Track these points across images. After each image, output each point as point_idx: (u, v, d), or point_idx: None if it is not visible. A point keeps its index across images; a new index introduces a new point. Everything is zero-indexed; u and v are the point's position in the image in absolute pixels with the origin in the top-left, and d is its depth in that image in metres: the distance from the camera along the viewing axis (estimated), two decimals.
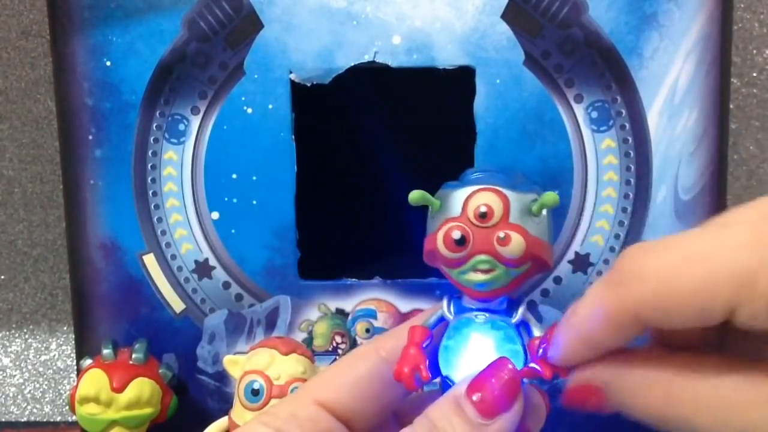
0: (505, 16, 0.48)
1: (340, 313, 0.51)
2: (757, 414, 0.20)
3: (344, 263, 0.54)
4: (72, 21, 0.49)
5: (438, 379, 0.26)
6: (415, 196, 0.26)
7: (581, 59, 0.48)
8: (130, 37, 0.49)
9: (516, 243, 0.25)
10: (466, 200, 0.25)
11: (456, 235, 0.25)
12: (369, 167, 0.63)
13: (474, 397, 0.24)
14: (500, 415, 0.24)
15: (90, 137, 0.50)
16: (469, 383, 0.24)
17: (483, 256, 0.25)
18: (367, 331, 0.51)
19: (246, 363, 0.45)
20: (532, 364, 0.25)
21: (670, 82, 0.48)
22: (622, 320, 0.22)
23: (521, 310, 0.27)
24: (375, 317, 0.51)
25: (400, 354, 0.26)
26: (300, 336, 0.51)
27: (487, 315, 0.26)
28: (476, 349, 0.26)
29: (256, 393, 0.44)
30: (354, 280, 0.51)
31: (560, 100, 0.48)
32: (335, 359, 0.51)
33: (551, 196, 0.25)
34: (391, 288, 0.50)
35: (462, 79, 0.48)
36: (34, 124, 0.67)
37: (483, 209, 0.25)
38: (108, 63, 0.49)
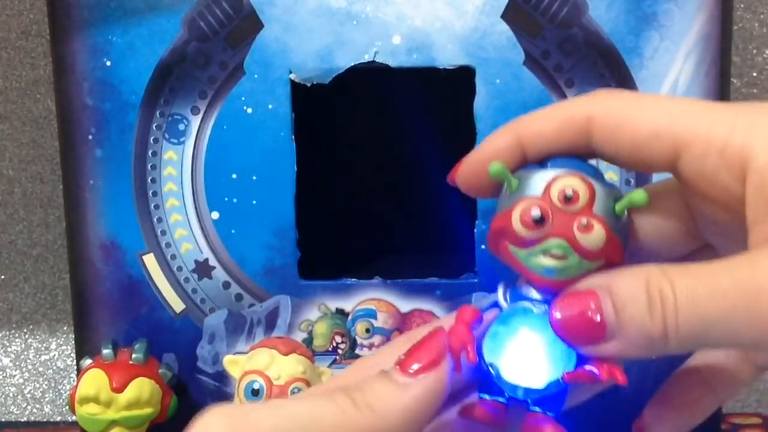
0: (505, 16, 0.48)
1: (340, 313, 0.51)
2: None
3: (344, 263, 0.54)
4: (72, 21, 0.49)
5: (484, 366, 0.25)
6: (495, 169, 0.24)
7: (581, 59, 0.48)
8: (130, 37, 0.49)
9: (598, 233, 0.23)
10: (550, 182, 0.24)
11: (535, 212, 0.23)
12: (369, 167, 0.64)
13: (399, 358, 0.23)
14: (423, 374, 0.23)
15: (90, 137, 0.50)
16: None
17: (559, 240, 0.23)
18: (367, 331, 0.51)
19: (246, 363, 0.45)
20: (588, 366, 0.24)
21: (670, 82, 0.48)
22: (581, 122, 0.25)
23: None
24: (375, 317, 0.51)
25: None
26: (300, 336, 0.51)
27: (545, 308, 0.24)
28: (526, 341, 0.24)
29: (256, 393, 0.44)
30: (354, 280, 0.51)
31: (560, 100, 0.48)
32: (335, 359, 0.51)
33: (641, 195, 0.24)
34: (391, 288, 0.51)
35: (462, 79, 0.48)
36: (34, 124, 0.67)
37: (569, 192, 0.24)
38: (108, 63, 0.49)
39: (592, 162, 0.26)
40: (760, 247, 0.22)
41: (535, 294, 0.25)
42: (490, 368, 0.24)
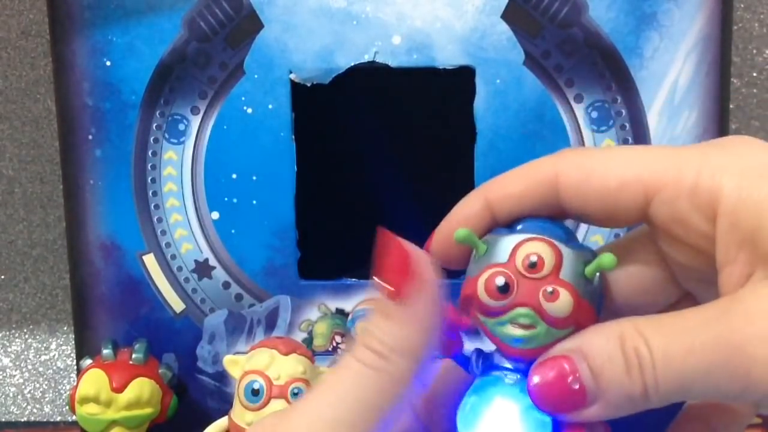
0: (505, 16, 0.48)
1: (340, 313, 0.51)
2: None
3: (344, 263, 0.54)
4: (72, 21, 0.49)
5: None
6: (461, 234, 0.24)
7: (581, 59, 0.48)
8: (130, 37, 0.49)
9: (564, 300, 0.23)
10: (515, 247, 0.24)
11: (500, 281, 0.23)
12: (369, 167, 0.64)
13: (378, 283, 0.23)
14: (409, 295, 0.22)
15: (90, 137, 0.50)
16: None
17: (525, 309, 0.23)
18: None
19: (246, 363, 0.45)
20: None
21: (670, 82, 0.48)
22: (549, 187, 0.25)
23: None
24: None
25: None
26: (300, 336, 0.51)
27: (518, 377, 0.24)
28: (500, 413, 0.24)
29: (256, 393, 0.44)
30: (354, 280, 0.51)
31: (560, 100, 0.48)
32: (335, 359, 0.51)
33: (609, 259, 0.23)
34: None
35: (462, 79, 0.48)
36: (34, 124, 0.67)
37: (533, 258, 0.23)
38: (108, 63, 0.49)
39: (567, 223, 0.26)
40: (732, 293, 0.22)
41: (506, 363, 0.25)
42: None
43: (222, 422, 0.47)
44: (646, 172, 0.23)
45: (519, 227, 0.25)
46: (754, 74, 0.64)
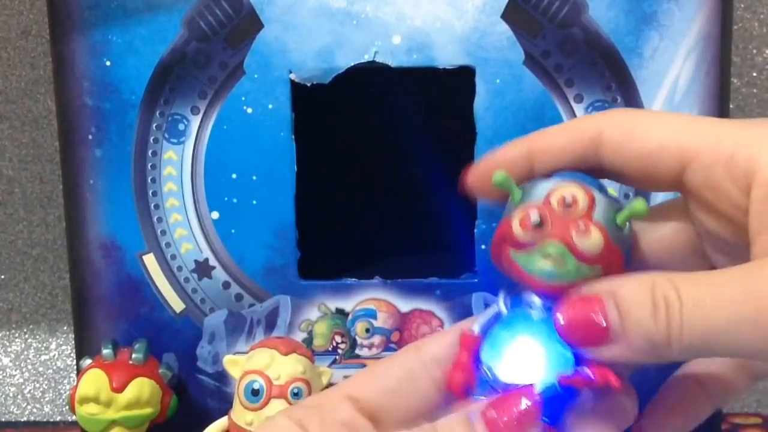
0: (505, 16, 0.48)
1: (340, 313, 0.51)
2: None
3: (344, 263, 0.54)
4: (72, 21, 0.49)
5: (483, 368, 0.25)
6: (499, 177, 0.25)
7: (581, 59, 0.48)
8: (130, 37, 0.49)
9: (595, 237, 0.23)
10: (551, 190, 0.24)
11: (534, 215, 0.24)
12: (369, 167, 0.63)
13: (488, 415, 0.23)
14: None
15: (90, 137, 0.50)
16: (489, 402, 0.24)
17: (557, 243, 0.24)
18: (367, 330, 0.51)
19: (246, 363, 0.45)
20: (583, 369, 0.24)
21: (670, 82, 0.48)
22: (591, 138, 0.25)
23: None
24: (375, 317, 0.51)
25: (447, 359, 0.25)
26: (300, 336, 0.51)
27: (545, 313, 0.25)
28: (525, 345, 0.25)
29: (256, 393, 0.44)
30: (354, 280, 0.51)
31: (560, 100, 0.48)
32: (335, 359, 0.51)
33: (641, 205, 0.24)
34: (391, 288, 0.51)
35: (462, 79, 0.48)
36: (34, 124, 0.67)
37: (568, 198, 0.24)
38: (108, 63, 0.49)
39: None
40: (766, 257, 0.23)
41: (535, 300, 0.25)
42: (487, 371, 0.25)
43: (222, 422, 0.47)
44: (686, 138, 0.24)
45: (553, 176, 0.25)
46: (754, 74, 0.64)
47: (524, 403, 0.23)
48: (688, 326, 0.22)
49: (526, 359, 0.24)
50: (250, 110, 0.49)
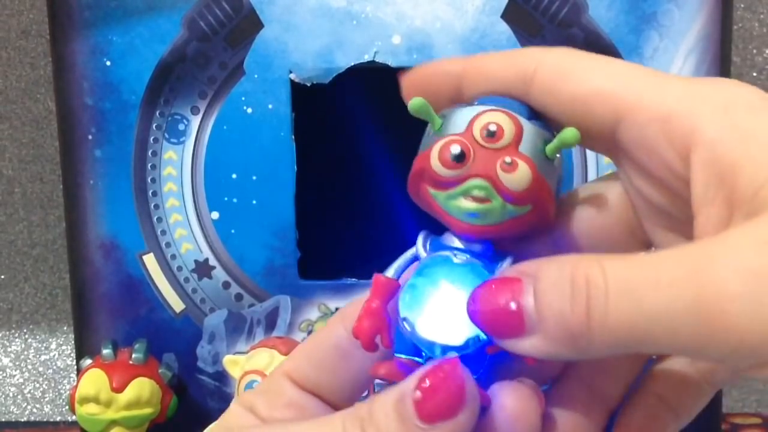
0: (505, 16, 0.48)
1: None
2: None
3: (344, 263, 0.54)
4: (72, 21, 0.49)
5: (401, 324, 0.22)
6: (416, 104, 0.22)
7: None
8: (130, 37, 0.49)
9: (522, 172, 0.21)
10: (473, 118, 0.22)
11: (455, 149, 0.21)
12: (369, 167, 0.63)
13: (415, 396, 0.20)
14: (441, 422, 0.20)
15: (90, 137, 0.50)
16: (416, 378, 0.20)
17: (480, 181, 0.21)
18: None
19: (246, 363, 0.45)
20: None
21: None
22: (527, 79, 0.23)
23: (507, 263, 0.22)
24: None
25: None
26: (300, 336, 0.51)
27: (468, 257, 0.22)
28: (445, 294, 0.22)
29: None
30: (354, 280, 0.51)
31: None
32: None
33: (572, 133, 0.21)
34: None
35: None
36: (34, 124, 0.67)
37: (492, 128, 0.21)
38: (108, 63, 0.49)
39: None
40: (711, 234, 0.20)
41: (457, 242, 0.23)
42: (405, 324, 0.22)
43: None
44: (622, 88, 0.22)
45: (477, 102, 0.23)
46: (754, 74, 0.64)
47: (453, 383, 0.20)
48: (614, 314, 0.18)
49: (448, 311, 0.21)
50: (250, 110, 0.49)
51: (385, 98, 0.56)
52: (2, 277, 0.69)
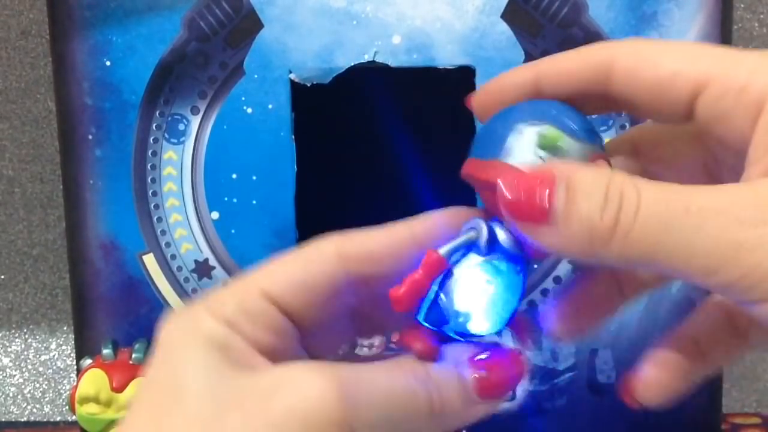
0: (505, 16, 0.48)
1: None
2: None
3: None
4: (72, 21, 0.49)
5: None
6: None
7: None
8: (130, 37, 0.49)
9: None
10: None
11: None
12: (369, 167, 0.63)
13: (478, 375, 0.23)
14: (495, 400, 0.23)
15: (90, 137, 0.50)
16: (479, 361, 0.23)
17: None
18: None
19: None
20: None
21: None
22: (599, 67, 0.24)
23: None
24: None
25: (401, 275, 0.23)
26: None
27: (509, 265, 0.24)
28: (502, 300, 0.23)
29: None
30: None
31: None
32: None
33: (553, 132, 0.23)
34: None
35: (462, 79, 0.48)
36: (34, 124, 0.67)
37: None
38: (108, 63, 0.49)
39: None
40: (749, 180, 0.22)
41: (510, 246, 0.24)
42: (453, 314, 0.23)
43: None
44: (699, 66, 0.23)
45: (522, 104, 0.25)
46: None
47: (516, 367, 0.23)
48: (640, 228, 0.20)
49: (481, 302, 0.23)
50: (250, 110, 0.49)
51: (385, 98, 0.57)
52: (2, 277, 0.69)
